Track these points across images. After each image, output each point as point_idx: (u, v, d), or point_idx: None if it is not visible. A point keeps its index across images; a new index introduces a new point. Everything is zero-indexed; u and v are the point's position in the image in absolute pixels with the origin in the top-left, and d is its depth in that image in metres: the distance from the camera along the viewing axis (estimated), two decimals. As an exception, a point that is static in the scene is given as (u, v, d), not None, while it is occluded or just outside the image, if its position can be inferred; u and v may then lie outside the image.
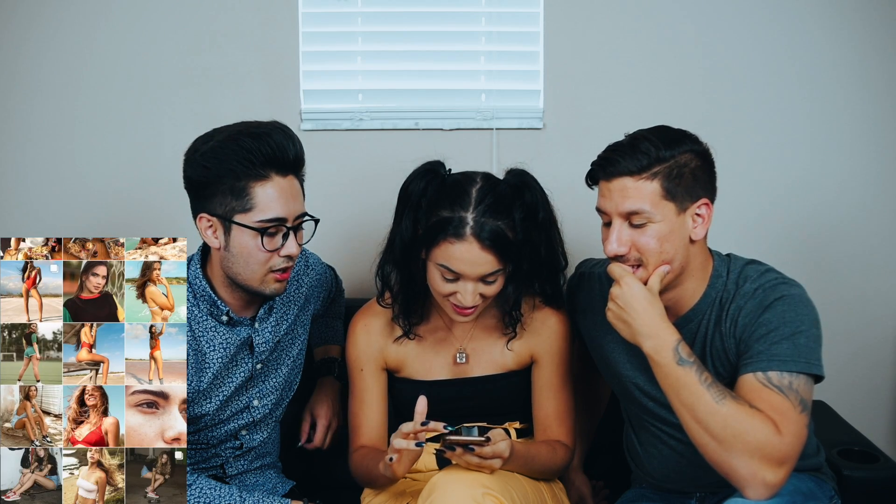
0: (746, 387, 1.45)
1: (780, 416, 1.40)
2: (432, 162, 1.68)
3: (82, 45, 2.23)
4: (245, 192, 1.55)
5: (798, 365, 1.44)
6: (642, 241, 1.51)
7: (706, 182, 1.54)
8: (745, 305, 1.53)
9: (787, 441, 1.39)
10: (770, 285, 1.53)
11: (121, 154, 2.27)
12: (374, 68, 2.30)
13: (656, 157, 1.49)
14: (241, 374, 1.70)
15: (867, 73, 2.25)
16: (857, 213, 2.30)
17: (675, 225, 1.51)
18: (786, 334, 1.46)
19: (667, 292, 1.56)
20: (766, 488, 1.38)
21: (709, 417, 1.41)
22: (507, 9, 2.28)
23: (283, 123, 1.62)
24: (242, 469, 1.79)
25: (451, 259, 1.59)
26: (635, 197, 1.49)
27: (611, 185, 1.52)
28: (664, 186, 1.49)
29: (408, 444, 1.50)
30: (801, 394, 1.43)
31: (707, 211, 1.54)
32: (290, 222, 1.59)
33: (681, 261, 1.54)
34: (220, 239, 1.59)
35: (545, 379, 1.78)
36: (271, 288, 1.62)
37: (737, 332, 1.53)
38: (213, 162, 1.55)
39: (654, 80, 2.26)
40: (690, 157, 1.51)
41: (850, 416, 2.07)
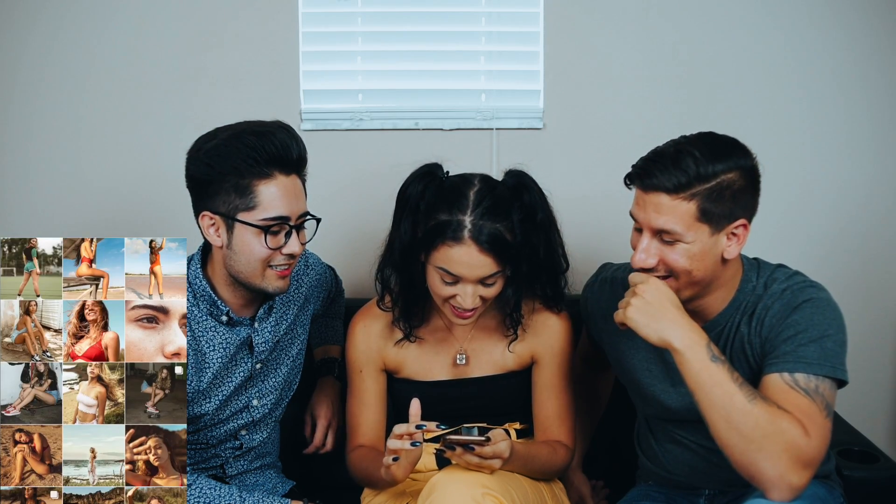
0: (773, 387, 1.44)
1: (807, 418, 1.39)
2: (430, 164, 1.68)
3: (83, 46, 2.23)
4: (249, 191, 1.55)
5: (824, 369, 1.43)
6: (671, 259, 1.48)
7: (747, 202, 1.49)
8: (772, 305, 1.52)
9: (815, 444, 1.38)
10: (798, 287, 1.52)
11: (121, 153, 2.27)
12: (374, 68, 2.30)
13: (696, 176, 1.43)
14: (241, 374, 1.70)
15: (867, 74, 2.25)
16: (857, 213, 2.30)
17: (708, 245, 1.47)
18: (814, 337, 1.45)
19: (693, 301, 1.55)
20: (791, 490, 1.37)
21: (740, 417, 1.38)
22: (507, 9, 2.28)
23: (286, 123, 1.62)
24: (242, 469, 1.79)
25: (450, 262, 1.59)
26: (669, 216, 1.45)
27: (647, 196, 1.47)
28: (701, 208, 1.44)
29: (402, 445, 1.50)
30: (826, 398, 1.42)
31: (744, 231, 1.50)
32: (292, 221, 1.59)
33: (710, 277, 1.51)
34: (222, 237, 1.59)
35: (546, 379, 1.78)
36: (274, 285, 1.62)
37: (763, 332, 1.52)
38: (216, 160, 1.55)
39: (653, 80, 2.26)
40: (735, 177, 1.46)
41: (850, 416, 2.06)
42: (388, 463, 1.53)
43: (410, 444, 1.51)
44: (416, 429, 1.50)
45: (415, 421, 1.52)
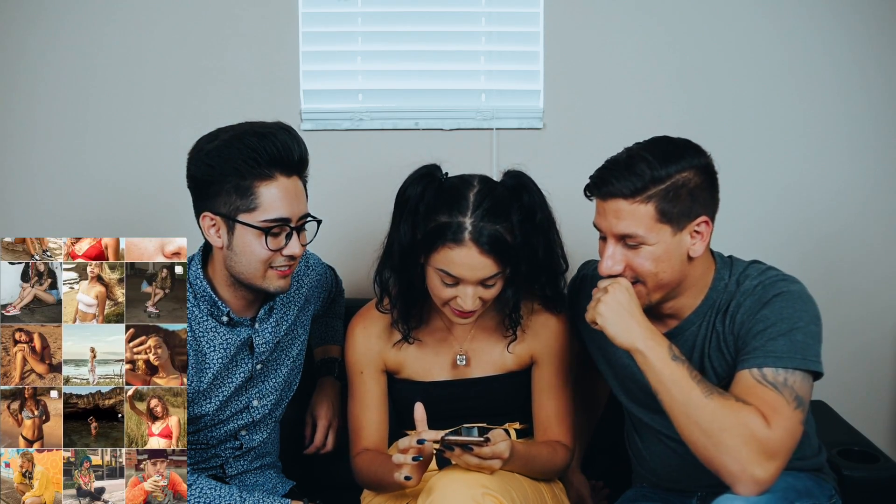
0: (742, 383, 1.45)
1: (771, 410, 1.39)
2: (428, 166, 1.67)
3: (83, 46, 2.23)
4: (250, 192, 1.55)
5: (794, 361, 1.44)
6: (637, 263, 1.51)
7: (706, 199, 1.52)
8: (744, 302, 1.53)
9: (777, 435, 1.38)
10: (770, 282, 1.53)
11: (121, 153, 2.27)
12: (374, 68, 2.30)
13: (651, 179, 1.47)
14: (241, 375, 1.70)
15: (867, 75, 2.25)
16: (857, 213, 2.30)
17: (672, 245, 1.50)
18: (783, 330, 1.46)
19: (665, 303, 1.57)
20: (756, 484, 1.37)
21: (698, 412, 1.40)
22: (507, 9, 2.28)
23: (287, 124, 1.62)
24: (242, 469, 1.79)
25: (451, 264, 1.59)
26: (629, 220, 1.48)
27: (606, 205, 1.51)
28: (659, 209, 1.47)
29: (406, 459, 1.51)
30: (796, 390, 1.42)
31: (706, 228, 1.52)
32: (293, 222, 1.59)
33: (679, 277, 1.54)
34: (223, 238, 1.59)
35: (545, 379, 1.78)
36: (275, 285, 1.62)
37: (736, 328, 1.53)
38: (217, 161, 1.55)
39: (654, 80, 2.26)
40: (689, 175, 1.49)
41: (850, 416, 2.07)
42: (401, 480, 1.53)
43: (412, 459, 1.51)
44: (418, 443, 1.51)
45: (422, 426, 1.53)
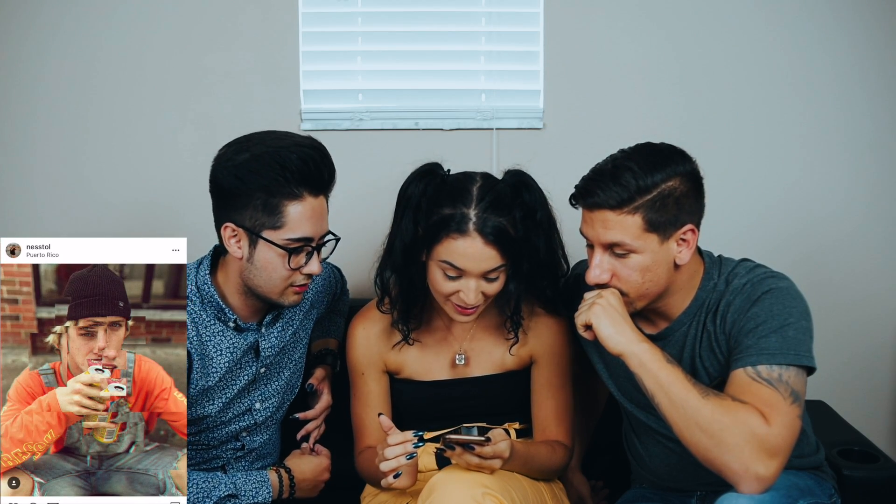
0: (737, 382, 1.45)
1: (768, 407, 1.39)
2: (430, 164, 1.68)
3: (83, 46, 2.23)
4: (277, 210, 1.54)
5: (787, 357, 1.44)
6: (624, 274, 1.51)
7: (692, 206, 1.52)
8: (734, 301, 1.53)
9: (777, 431, 1.38)
10: (758, 279, 1.53)
11: (121, 153, 2.27)
12: (374, 68, 2.30)
13: (637, 189, 1.46)
14: (245, 377, 1.70)
15: (867, 79, 2.25)
16: (856, 214, 2.30)
17: (660, 255, 1.50)
18: (774, 327, 1.46)
19: (652, 304, 1.57)
20: (759, 482, 1.37)
21: (697, 413, 1.40)
22: (507, 9, 2.28)
23: (318, 142, 1.60)
24: (243, 469, 1.78)
25: (455, 255, 1.59)
26: (616, 230, 1.48)
27: (592, 215, 1.51)
28: (646, 219, 1.47)
29: (397, 463, 1.51)
30: (791, 385, 1.42)
31: (692, 236, 1.53)
32: (315, 241, 1.59)
33: (664, 286, 1.54)
34: (243, 250, 1.59)
35: (544, 379, 1.78)
36: (290, 300, 1.63)
37: (727, 327, 1.53)
38: (246, 174, 1.53)
39: (653, 81, 2.26)
40: (676, 184, 1.49)
41: (850, 416, 2.07)
42: (390, 482, 1.53)
43: (406, 458, 1.51)
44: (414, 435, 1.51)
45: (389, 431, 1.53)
